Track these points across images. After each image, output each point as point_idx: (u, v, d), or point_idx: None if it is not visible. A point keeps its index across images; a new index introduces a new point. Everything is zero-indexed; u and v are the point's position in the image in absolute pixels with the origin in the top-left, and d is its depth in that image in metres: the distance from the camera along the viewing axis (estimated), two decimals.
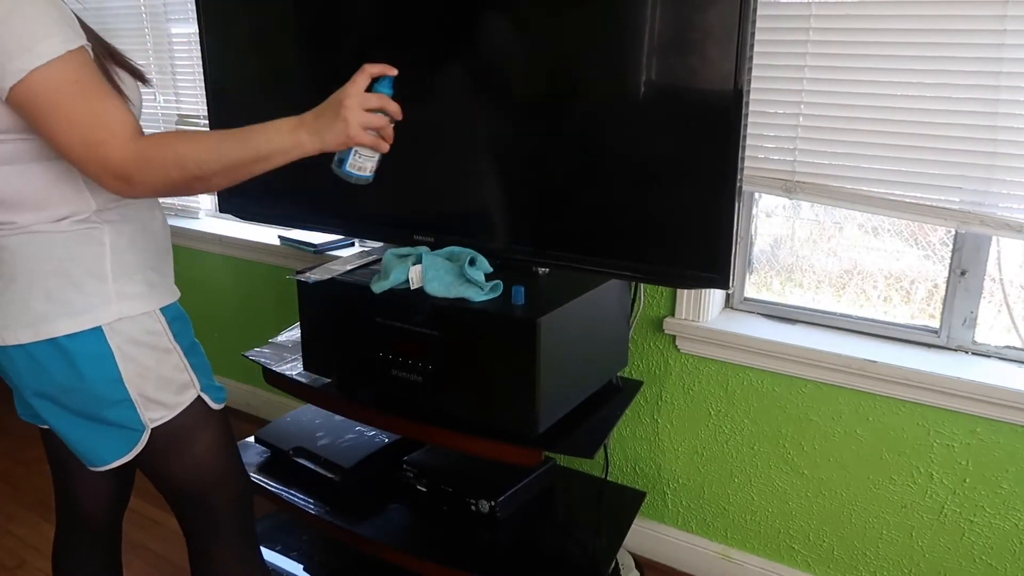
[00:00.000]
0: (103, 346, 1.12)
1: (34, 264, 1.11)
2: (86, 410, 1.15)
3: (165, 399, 1.18)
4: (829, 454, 1.74)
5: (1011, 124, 1.38)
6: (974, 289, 1.59)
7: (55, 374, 1.12)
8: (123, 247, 1.15)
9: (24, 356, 1.12)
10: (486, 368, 1.43)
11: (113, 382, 1.13)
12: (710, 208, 1.34)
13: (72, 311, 1.11)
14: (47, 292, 1.10)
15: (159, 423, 1.18)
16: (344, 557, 1.88)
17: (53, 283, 1.11)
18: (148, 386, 1.16)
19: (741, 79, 1.26)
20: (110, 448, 1.18)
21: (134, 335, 1.14)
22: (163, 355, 1.18)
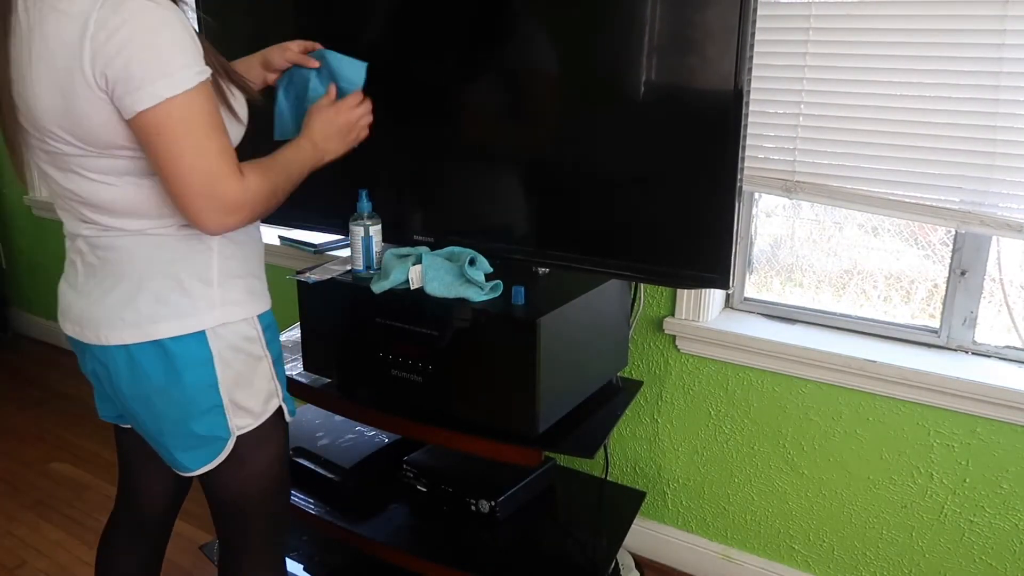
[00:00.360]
0: (205, 350, 1.13)
1: (144, 265, 1.11)
2: (176, 414, 1.15)
3: (253, 407, 1.19)
4: (829, 454, 1.74)
5: (1011, 124, 1.38)
6: (974, 289, 1.58)
7: (154, 376, 1.12)
8: (229, 253, 1.17)
9: (125, 356, 1.12)
10: (486, 368, 1.43)
11: (209, 388, 1.14)
12: (710, 208, 1.34)
13: (178, 314, 1.11)
14: (155, 294, 1.11)
15: (244, 431, 1.19)
16: (344, 557, 1.88)
17: (161, 285, 1.11)
18: (240, 393, 1.17)
19: (741, 79, 1.26)
20: (196, 457, 1.18)
21: (233, 341, 1.15)
22: (256, 362, 1.19)
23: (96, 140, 1.03)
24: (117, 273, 1.12)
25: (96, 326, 1.13)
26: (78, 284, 1.17)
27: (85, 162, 1.06)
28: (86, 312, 1.15)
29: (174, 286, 1.12)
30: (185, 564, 1.96)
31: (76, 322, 1.17)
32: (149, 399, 1.14)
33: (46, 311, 3.47)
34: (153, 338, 1.11)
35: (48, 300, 3.42)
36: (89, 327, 1.14)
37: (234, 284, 1.17)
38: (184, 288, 1.12)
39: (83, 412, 2.85)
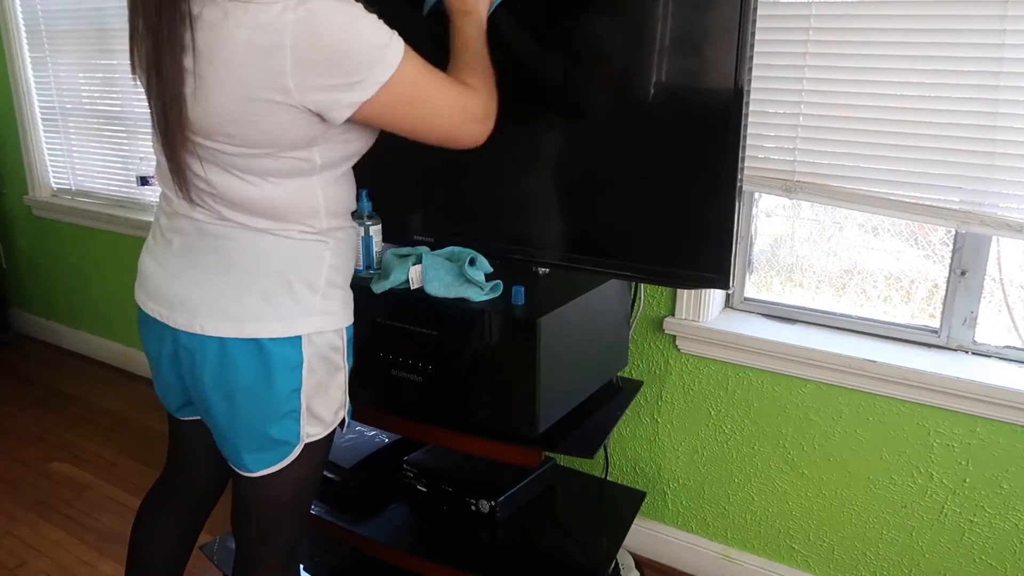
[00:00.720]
0: (298, 355, 1.13)
1: (258, 261, 1.12)
2: (256, 414, 1.15)
3: (325, 416, 1.20)
4: (829, 454, 1.74)
5: (1011, 124, 1.38)
6: (974, 289, 1.58)
7: (245, 373, 1.12)
8: (336, 265, 1.18)
9: (218, 348, 1.12)
10: (486, 368, 1.43)
11: (293, 392, 1.15)
12: (710, 208, 1.34)
13: (282, 316, 1.12)
14: (263, 292, 1.11)
15: (312, 440, 1.20)
16: (344, 557, 1.88)
17: (271, 284, 1.12)
18: (317, 401, 1.18)
19: (741, 79, 1.26)
20: (261, 459, 1.18)
21: (322, 349, 1.16)
22: (335, 373, 1.20)
23: (266, 142, 1.04)
24: (226, 263, 1.12)
25: (191, 312, 1.12)
26: (170, 264, 1.16)
27: (239, 161, 1.06)
28: (180, 296, 1.14)
29: (283, 287, 1.12)
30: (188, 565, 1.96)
31: (165, 304, 1.16)
32: (232, 394, 1.14)
33: (46, 311, 3.48)
34: (253, 336, 1.11)
35: (48, 300, 3.43)
36: (182, 312, 1.13)
37: (335, 294, 1.18)
38: (292, 291, 1.12)
39: (83, 412, 2.85)
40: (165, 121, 1.03)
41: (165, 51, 1.00)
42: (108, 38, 2.76)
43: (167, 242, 1.17)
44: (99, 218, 3.00)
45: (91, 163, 3.04)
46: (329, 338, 1.17)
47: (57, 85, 3.00)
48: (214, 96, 1.01)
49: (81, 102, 2.96)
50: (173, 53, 1.00)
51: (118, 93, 2.82)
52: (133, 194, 2.92)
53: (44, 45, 2.98)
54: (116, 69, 2.79)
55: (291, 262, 1.13)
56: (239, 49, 0.98)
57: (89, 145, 3.01)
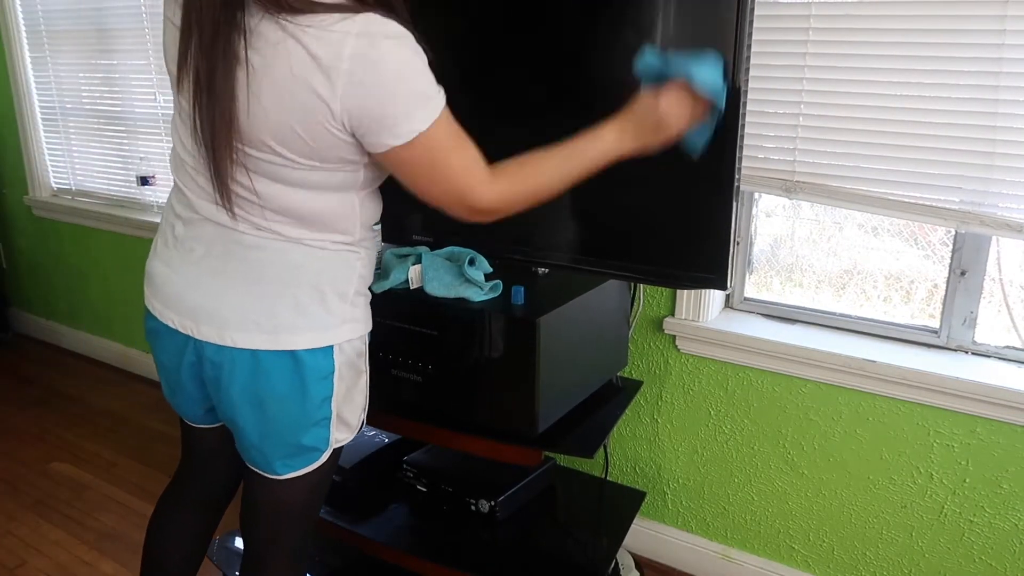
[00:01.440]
0: (330, 364, 1.14)
1: (291, 272, 1.11)
2: (289, 422, 1.14)
3: (352, 421, 1.21)
4: (829, 454, 1.74)
5: (1011, 124, 1.38)
6: (974, 289, 1.58)
7: (279, 384, 1.11)
8: (365, 274, 1.18)
9: (250, 360, 1.11)
10: (486, 368, 1.43)
11: (325, 400, 1.15)
12: (708, 209, 1.34)
13: (316, 326, 1.11)
14: (296, 302, 1.10)
15: (340, 444, 1.20)
16: (344, 557, 1.88)
17: (304, 295, 1.11)
18: (345, 407, 1.18)
19: (739, 79, 1.26)
20: (291, 464, 1.18)
21: (350, 356, 1.17)
22: (359, 377, 1.21)
23: (315, 156, 1.04)
24: (257, 274, 1.10)
25: (221, 324, 1.11)
26: (189, 272, 1.14)
27: (285, 172, 1.05)
28: (204, 306, 1.12)
29: (316, 298, 1.12)
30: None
31: (188, 315, 1.13)
32: (264, 404, 1.13)
33: (46, 311, 3.48)
34: (288, 348, 1.10)
35: (48, 300, 3.43)
36: (208, 323, 1.12)
37: (360, 301, 1.18)
38: (325, 301, 1.12)
39: (83, 412, 2.85)
40: (212, 131, 1.02)
41: (219, 63, 0.99)
42: (108, 38, 2.76)
43: (187, 250, 1.14)
44: (99, 218, 3.00)
45: (91, 163, 3.05)
46: (356, 345, 1.18)
47: (57, 85, 3.01)
48: (267, 110, 1.00)
49: (81, 102, 2.96)
50: (228, 65, 0.99)
51: (118, 93, 2.82)
52: (133, 194, 2.92)
53: (44, 45, 2.98)
54: (116, 69, 2.79)
55: (324, 272, 1.12)
56: (296, 67, 0.98)
57: (89, 145, 3.02)
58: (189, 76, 1.03)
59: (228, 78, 0.99)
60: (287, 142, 1.02)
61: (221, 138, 1.02)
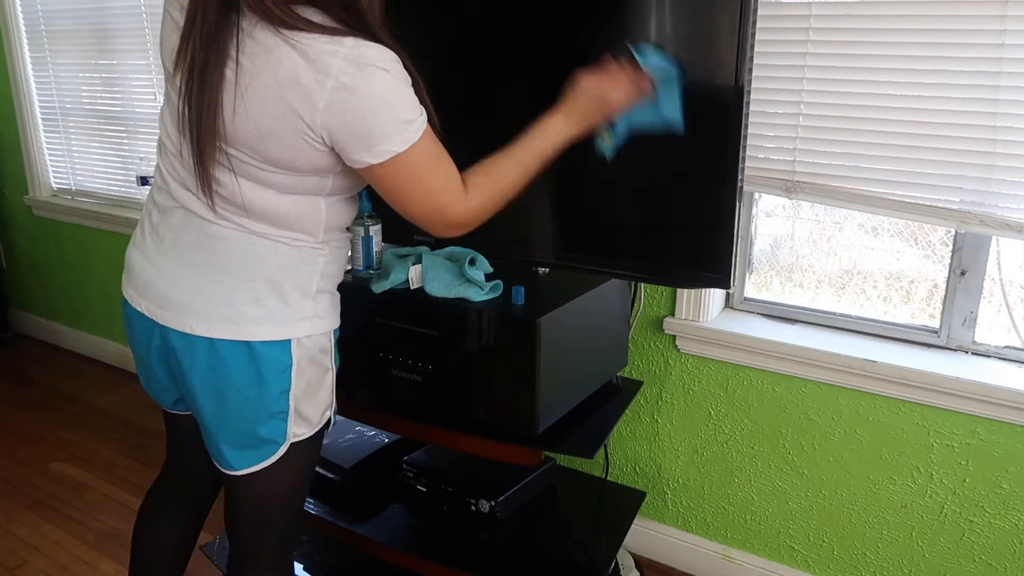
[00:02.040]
0: (287, 357, 1.15)
1: (253, 264, 1.13)
2: (246, 413, 1.16)
3: (312, 417, 1.21)
4: (829, 454, 1.74)
5: (1011, 124, 1.38)
6: (974, 289, 1.58)
7: (235, 373, 1.13)
8: (330, 272, 1.20)
9: (208, 348, 1.13)
10: (486, 368, 1.43)
11: (283, 394, 1.16)
12: (711, 208, 1.34)
13: (274, 319, 1.13)
14: (256, 294, 1.13)
15: (298, 439, 1.20)
16: (344, 557, 1.88)
17: (264, 287, 1.13)
18: (305, 402, 1.19)
19: (742, 79, 1.26)
20: (247, 457, 1.19)
21: (311, 351, 1.18)
22: (323, 374, 1.21)
23: (287, 164, 1.07)
24: (219, 264, 1.13)
25: (182, 312, 1.13)
26: (159, 260, 1.17)
27: (256, 172, 1.08)
28: (170, 294, 1.15)
29: (276, 291, 1.13)
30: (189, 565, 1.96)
31: (155, 301, 1.17)
32: (221, 393, 1.15)
33: (46, 311, 3.48)
34: (245, 338, 1.12)
35: (48, 300, 3.43)
36: (172, 310, 1.14)
37: (323, 298, 1.19)
38: (284, 295, 1.14)
39: (83, 412, 2.85)
40: (199, 123, 1.05)
41: (212, 59, 1.02)
42: (108, 38, 2.76)
43: (158, 239, 1.18)
44: (99, 218, 3.00)
45: (91, 163, 3.05)
46: (318, 340, 1.19)
47: (57, 85, 3.00)
48: (249, 112, 1.03)
49: (81, 102, 2.96)
50: (219, 62, 1.02)
51: (118, 93, 2.82)
52: (133, 194, 2.92)
53: (44, 45, 2.98)
54: (116, 69, 2.79)
55: (286, 267, 1.14)
56: (286, 76, 1.00)
57: (89, 145, 3.02)
58: (183, 69, 1.06)
59: (218, 75, 1.02)
60: (264, 145, 1.05)
61: (206, 131, 1.05)
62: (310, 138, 1.04)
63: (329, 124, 1.02)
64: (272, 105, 1.02)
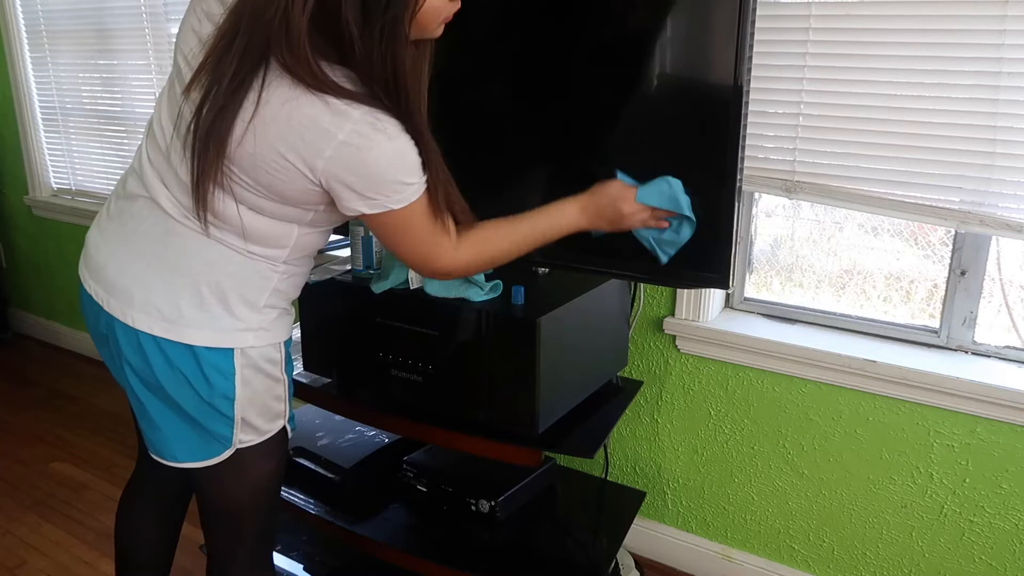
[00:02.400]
0: (229, 365, 1.14)
1: (203, 268, 1.12)
2: (191, 409, 1.15)
3: (260, 425, 1.21)
4: (829, 454, 1.74)
5: (1011, 124, 1.38)
6: (974, 289, 1.59)
7: (180, 369, 1.13)
8: (282, 289, 1.19)
9: (153, 345, 1.12)
10: (486, 368, 1.43)
11: (226, 399, 1.15)
12: (710, 208, 1.33)
13: (215, 326, 1.13)
14: (200, 299, 1.12)
15: (244, 446, 1.20)
16: (344, 557, 1.88)
17: (208, 292, 1.12)
18: (251, 411, 1.18)
19: (741, 78, 1.26)
20: (189, 450, 1.19)
21: (256, 361, 1.17)
22: (273, 384, 1.21)
23: (277, 194, 1.08)
24: (170, 261, 1.13)
25: (127, 302, 1.13)
26: (114, 246, 1.17)
27: (245, 194, 1.08)
28: (117, 282, 1.15)
29: (219, 299, 1.13)
30: (186, 564, 1.96)
31: (104, 286, 1.16)
32: (164, 386, 1.14)
33: (46, 311, 3.48)
34: (185, 342, 1.12)
35: (48, 300, 3.43)
36: (118, 299, 1.14)
37: (271, 313, 1.19)
38: (228, 305, 1.13)
39: (83, 412, 2.85)
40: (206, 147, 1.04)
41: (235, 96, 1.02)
42: (108, 38, 2.76)
43: (120, 223, 1.17)
44: None
45: (91, 163, 3.05)
46: (265, 351, 1.18)
47: (57, 85, 3.00)
48: (258, 144, 1.03)
49: (81, 102, 2.96)
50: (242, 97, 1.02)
51: (118, 93, 2.82)
52: None
53: (44, 45, 2.98)
54: (116, 69, 2.79)
55: (235, 276, 1.13)
56: (301, 119, 1.01)
57: (89, 145, 3.02)
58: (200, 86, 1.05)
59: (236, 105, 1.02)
60: (260, 173, 1.05)
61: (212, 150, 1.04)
62: (309, 179, 1.05)
63: (329, 173, 1.03)
64: (281, 141, 1.02)
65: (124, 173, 1.22)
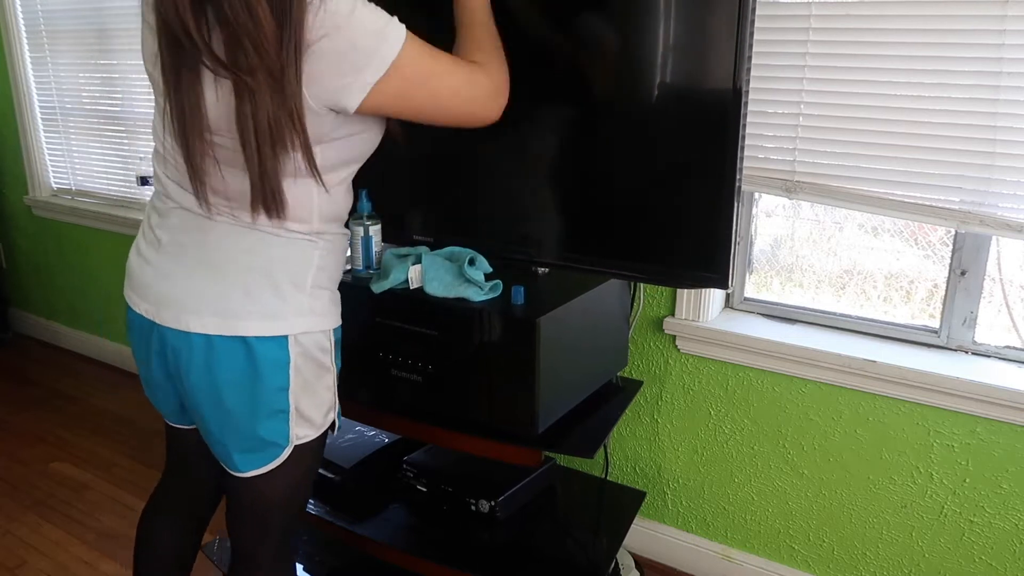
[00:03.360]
0: (284, 353, 1.14)
1: (244, 258, 1.12)
2: (245, 411, 1.15)
3: (315, 418, 1.21)
4: (829, 454, 1.74)
5: (1011, 124, 1.38)
6: (974, 289, 1.58)
7: (231, 369, 1.12)
8: (324, 266, 1.19)
9: (204, 345, 1.12)
10: (486, 368, 1.43)
11: (281, 391, 1.15)
12: (709, 208, 1.34)
13: (267, 314, 1.12)
14: (247, 288, 1.12)
15: (302, 441, 1.20)
16: (344, 557, 1.88)
17: (255, 281, 1.12)
18: (305, 401, 1.18)
19: (740, 79, 1.26)
20: (251, 459, 1.19)
21: (309, 349, 1.17)
22: (324, 373, 1.20)
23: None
24: (212, 260, 1.13)
25: (179, 310, 1.13)
26: (157, 261, 1.17)
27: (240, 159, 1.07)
28: (167, 293, 1.15)
29: (268, 285, 1.13)
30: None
31: (152, 301, 1.16)
32: (220, 391, 1.14)
33: (46, 311, 3.48)
34: (239, 334, 1.11)
35: (48, 300, 3.43)
36: (169, 309, 1.14)
37: (322, 295, 1.19)
38: (278, 289, 1.13)
39: (83, 412, 2.85)
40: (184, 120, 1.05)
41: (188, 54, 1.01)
42: (108, 38, 2.76)
43: (156, 240, 1.18)
44: (99, 218, 3.00)
45: (91, 163, 3.04)
46: (317, 338, 1.18)
47: (57, 85, 3.00)
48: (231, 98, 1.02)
49: (81, 102, 2.96)
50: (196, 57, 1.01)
51: (118, 93, 2.82)
52: (133, 194, 2.92)
53: (44, 45, 2.98)
54: (116, 69, 2.79)
55: (278, 260, 1.14)
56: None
57: (89, 145, 3.01)
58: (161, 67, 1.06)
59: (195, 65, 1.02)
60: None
61: (191, 123, 1.05)
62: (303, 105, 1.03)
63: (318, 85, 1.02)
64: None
65: (151, 198, 1.23)
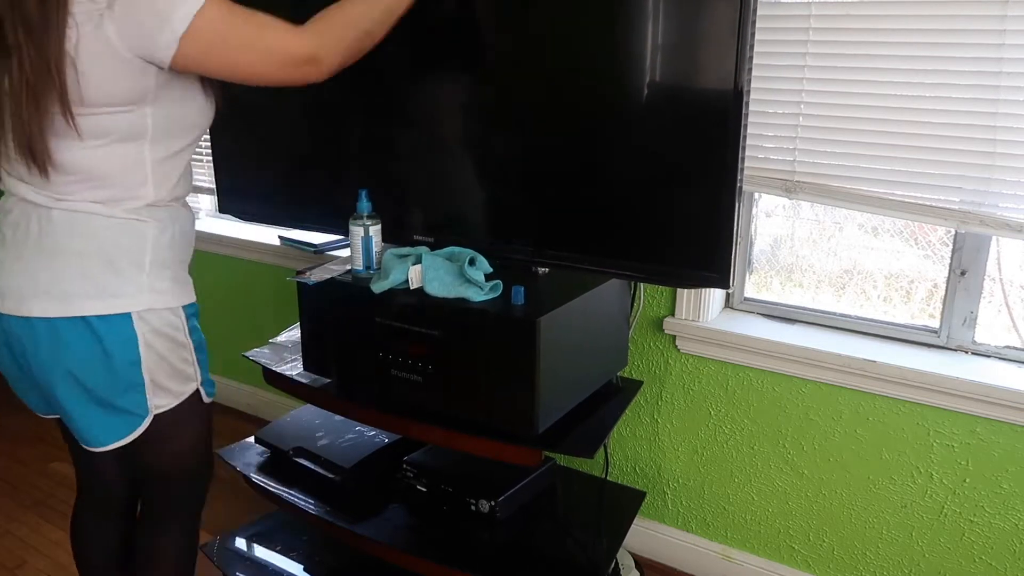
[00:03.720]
0: (130, 330, 1.17)
1: (81, 241, 1.15)
2: (101, 389, 1.18)
3: (172, 387, 1.24)
4: (829, 454, 1.74)
5: (1011, 124, 1.38)
6: (974, 289, 1.58)
7: (80, 350, 1.15)
8: (162, 244, 1.21)
9: (49, 330, 1.15)
10: (486, 368, 1.43)
11: (133, 365, 1.18)
12: (710, 208, 1.34)
13: (106, 293, 1.15)
14: (83, 271, 1.15)
15: (162, 410, 1.24)
16: (344, 557, 1.88)
17: (92, 264, 1.15)
18: (160, 374, 1.22)
19: (741, 79, 1.26)
20: (111, 431, 1.23)
21: (157, 326, 1.20)
22: (177, 347, 1.24)
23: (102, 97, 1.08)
24: (55, 247, 1.15)
25: (20, 297, 1.15)
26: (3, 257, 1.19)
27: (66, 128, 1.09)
28: (7, 284, 1.17)
29: (105, 265, 1.15)
30: None
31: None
32: (71, 372, 1.17)
33: None
34: (78, 314, 1.14)
35: None
36: (11, 297, 1.16)
37: (162, 274, 1.21)
38: (116, 269, 1.16)
39: None
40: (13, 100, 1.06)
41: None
42: None
43: (2, 236, 1.20)
44: None
45: None
46: (163, 315, 1.21)
47: None
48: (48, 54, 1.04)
49: None
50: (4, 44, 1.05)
51: None
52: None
53: None
54: None
55: (113, 242, 1.16)
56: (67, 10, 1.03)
57: None
58: None
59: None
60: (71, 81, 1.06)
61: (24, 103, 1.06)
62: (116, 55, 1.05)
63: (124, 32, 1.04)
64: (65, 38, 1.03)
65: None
